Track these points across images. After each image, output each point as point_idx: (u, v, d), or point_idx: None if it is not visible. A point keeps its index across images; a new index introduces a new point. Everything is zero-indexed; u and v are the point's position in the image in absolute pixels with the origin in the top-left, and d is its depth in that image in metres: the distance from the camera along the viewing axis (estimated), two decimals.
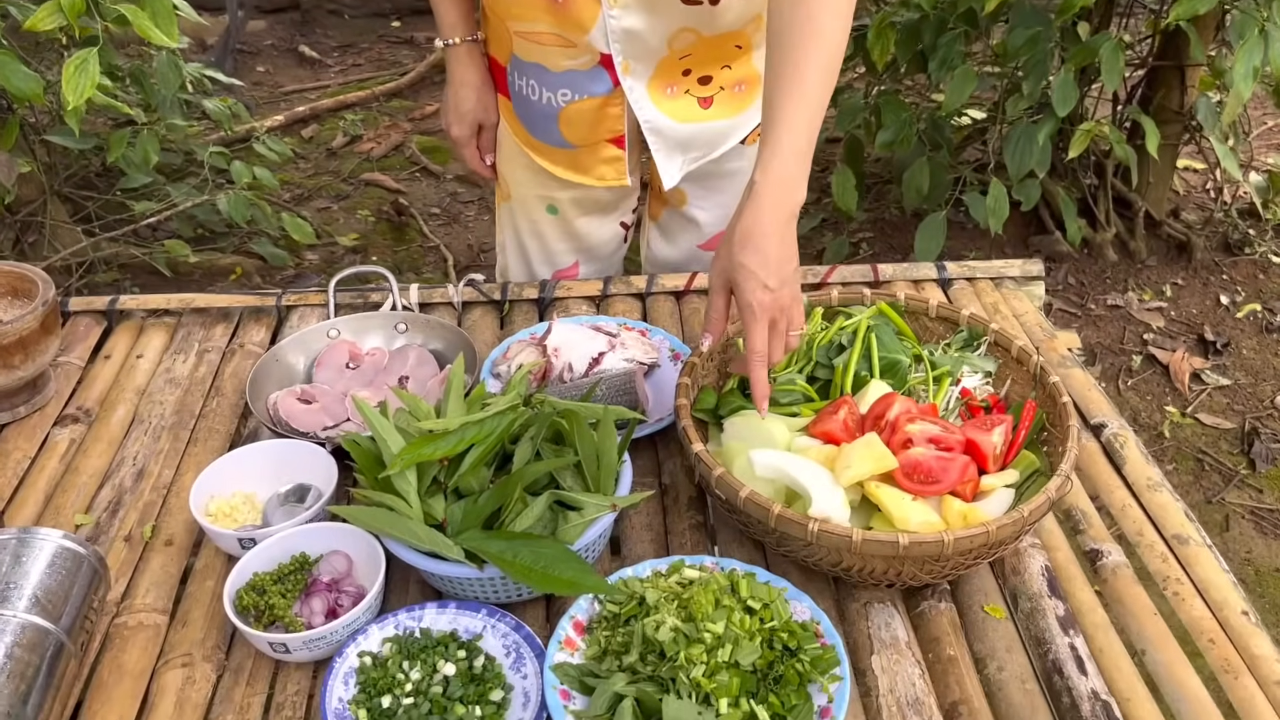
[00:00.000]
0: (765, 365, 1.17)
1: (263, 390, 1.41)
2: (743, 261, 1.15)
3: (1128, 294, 2.82)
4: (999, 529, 1.07)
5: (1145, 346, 2.65)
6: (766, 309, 1.15)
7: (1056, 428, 1.24)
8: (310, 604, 1.13)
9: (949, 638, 1.13)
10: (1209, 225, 3.01)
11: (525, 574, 1.06)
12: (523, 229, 1.73)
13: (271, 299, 1.66)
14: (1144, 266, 2.92)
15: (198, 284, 2.90)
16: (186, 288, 2.88)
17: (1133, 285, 2.86)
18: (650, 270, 1.85)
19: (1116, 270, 2.91)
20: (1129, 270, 2.91)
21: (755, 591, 1.08)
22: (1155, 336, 2.69)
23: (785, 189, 1.16)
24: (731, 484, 1.12)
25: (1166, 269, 2.91)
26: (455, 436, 1.13)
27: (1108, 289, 2.85)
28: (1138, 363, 2.62)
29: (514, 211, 1.73)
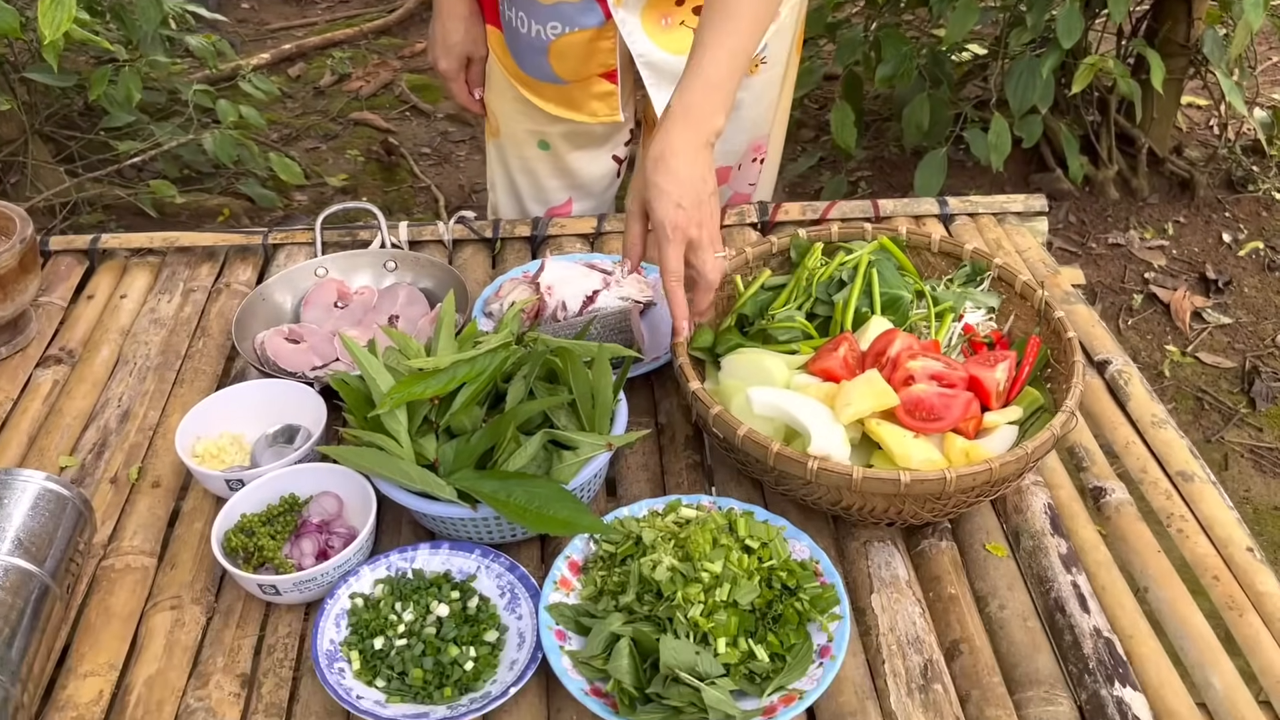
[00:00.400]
0: (681, 284, 1.17)
1: (249, 330, 1.38)
2: (655, 181, 1.15)
3: (1129, 232, 2.78)
4: (1002, 466, 1.05)
5: (1146, 285, 2.63)
6: (679, 228, 1.15)
7: (1061, 364, 1.21)
8: (300, 545, 1.11)
9: (950, 576, 1.11)
10: (1212, 162, 2.96)
11: (519, 514, 1.03)
12: (513, 166, 1.69)
13: (258, 237, 1.62)
14: (1146, 204, 2.88)
15: (185, 225, 2.85)
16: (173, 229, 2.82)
17: (1134, 223, 2.82)
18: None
19: (1118, 208, 2.87)
20: (1130, 208, 2.87)
21: (753, 530, 1.06)
22: (1156, 275, 2.66)
23: (700, 114, 1.16)
24: (729, 422, 1.09)
25: (1168, 207, 2.87)
26: (446, 375, 1.10)
27: (1109, 227, 2.81)
28: (1138, 301, 2.59)
29: (504, 148, 1.69)
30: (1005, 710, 0.99)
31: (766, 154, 1.70)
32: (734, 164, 1.68)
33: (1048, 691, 1.00)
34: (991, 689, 1.01)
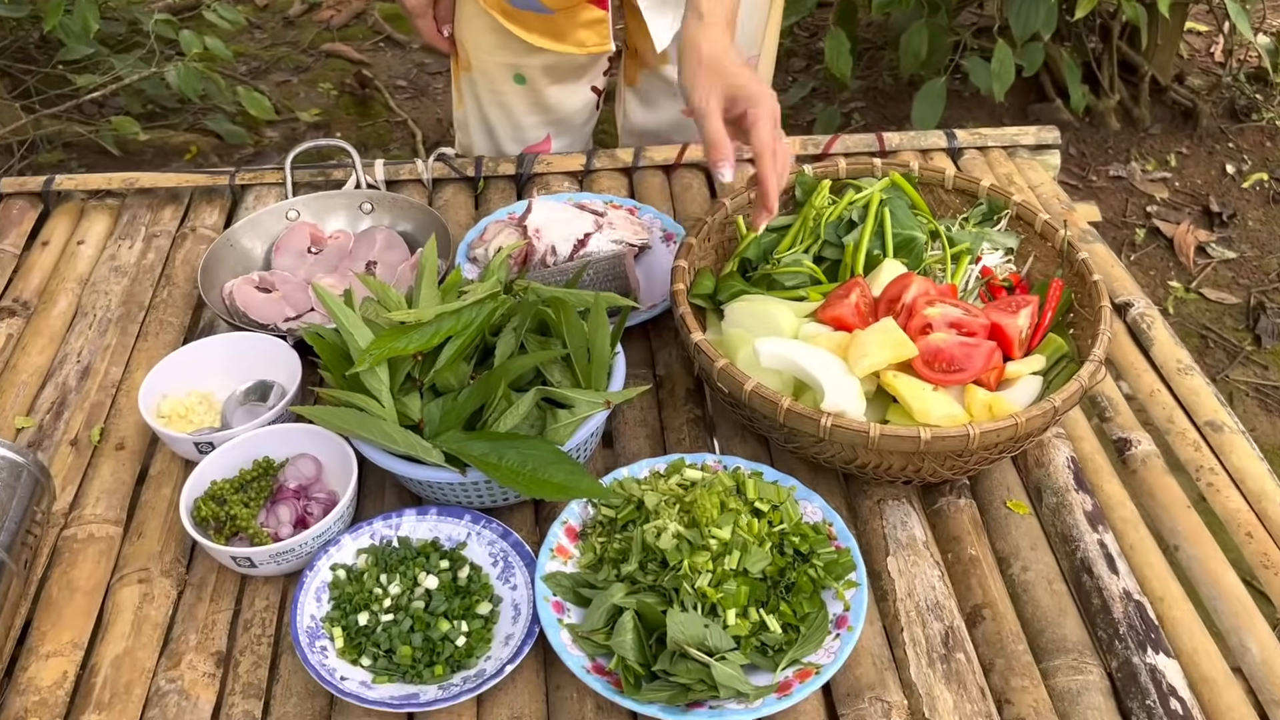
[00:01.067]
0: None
1: (217, 278, 1.29)
2: (728, 67, 1.10)
3: (1130, 164, 2.70)
4: (1028, 421, 0.98)
5: (1149, 219, 2.55)
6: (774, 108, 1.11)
7: (1085, 308, 1.14)
8: (276, 513, 1.03)
9: (970, 537, 1.05)
10: (1215, 91, 2.87)
11: (512, 478, 0.96)
12: (486, 101, 1.58)
13: (224, 178, 1.52)
14: (1147, 135, 2.79)
15: (150, 164, 2.73)
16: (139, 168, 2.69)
17: (1136, 155, 2.74)
18: (628, 142, 1.71)
19: (1119, 139, 2.78)
20: (1131, 139, 2.78)
21: (763, 492, 0.99)
22: (1159, 209, 2.59)
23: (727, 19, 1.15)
24: (735, 377, 1.02)
25: (1170, 137, 2.78)
26: (430, 329, 1.02)
27: (1110, 159, 2.73)
28: (1141, 236, 2.52)
29: (475, 83, 1.57)
30: (1031, 680, 0.93)
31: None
32: None
33: (1076, 659, 0.95)
34: (1016, 657, 0.95)
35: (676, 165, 1.54)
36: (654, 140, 1.65)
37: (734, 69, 1.10)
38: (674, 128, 1.64)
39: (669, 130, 1.65)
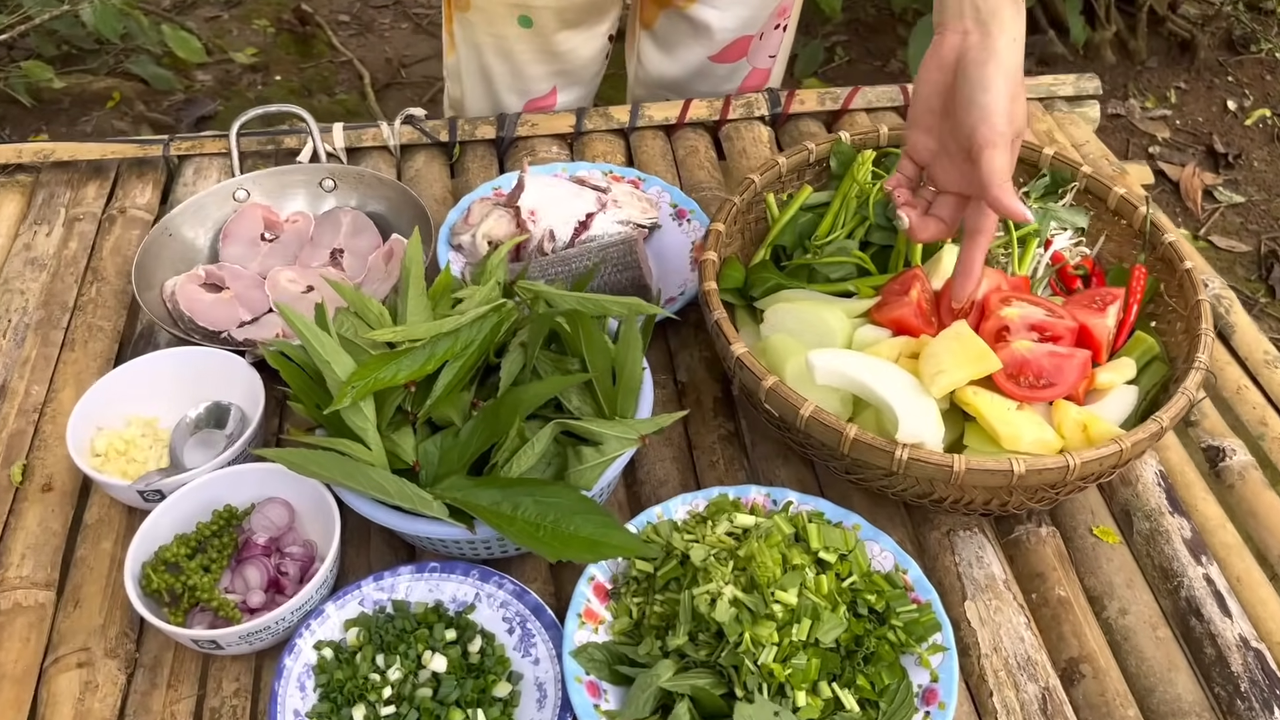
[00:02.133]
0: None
1: (154, 275, 1.09)
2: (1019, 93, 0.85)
3: (1129, 101, 2.56)
4: (1134, 446, 0.83)
5: (1152, 161, 2.41)
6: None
7: (1172, 298, 0.99)
8: (244, 575, 0.86)
9: (1056, 573, 0.91)
10: (1213, 21, 2.72)
11: (530, 534, 0.79)
12: (486, 48, 1.37)
13: (157, 148, 1.30)
14: (1145, 69, 2.64)
15: (68, 114, 2.46)
16: (54, 118, 2.45)
17: (1134, 90, 2.59)
18: (640, 94, 1.52)
19: (1115, 74, 2.63)
20: (1129, 73, 2.63)
21: (828, 540, 0.84)
22: (1162, 149, 2.45)
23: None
24: (789, 400, 0.86)
25: (1168, 71, 2.64)
26: (422, 353, 0.84)
27: (1107, 95, 2.57)
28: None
29: (474, 26, 1.36)
30: None
31: (790, 17, 1.42)
32: (755, 32, 1.39)
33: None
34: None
35: (679, 125, 1.36)
36: (670, 92, 1.47)
37: (1024, 101, 0.86)
38: (696, 75, 1.45)
39: (690, 80, 1.45)
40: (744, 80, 1.46)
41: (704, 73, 1.43)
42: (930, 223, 0.91)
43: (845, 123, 1.38)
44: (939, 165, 0.91)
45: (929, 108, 0.89)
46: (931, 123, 0.89)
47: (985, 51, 0.83)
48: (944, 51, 0.86)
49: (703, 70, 1.43)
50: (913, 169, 0.93)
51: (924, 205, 0.92)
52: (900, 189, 0.93)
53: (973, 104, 0.83)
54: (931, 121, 0.89)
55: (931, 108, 0.89)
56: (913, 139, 0.92)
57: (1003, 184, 0.83)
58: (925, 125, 0.90)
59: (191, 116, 2.46)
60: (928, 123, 0.90)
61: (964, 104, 0.84)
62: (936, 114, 0.89)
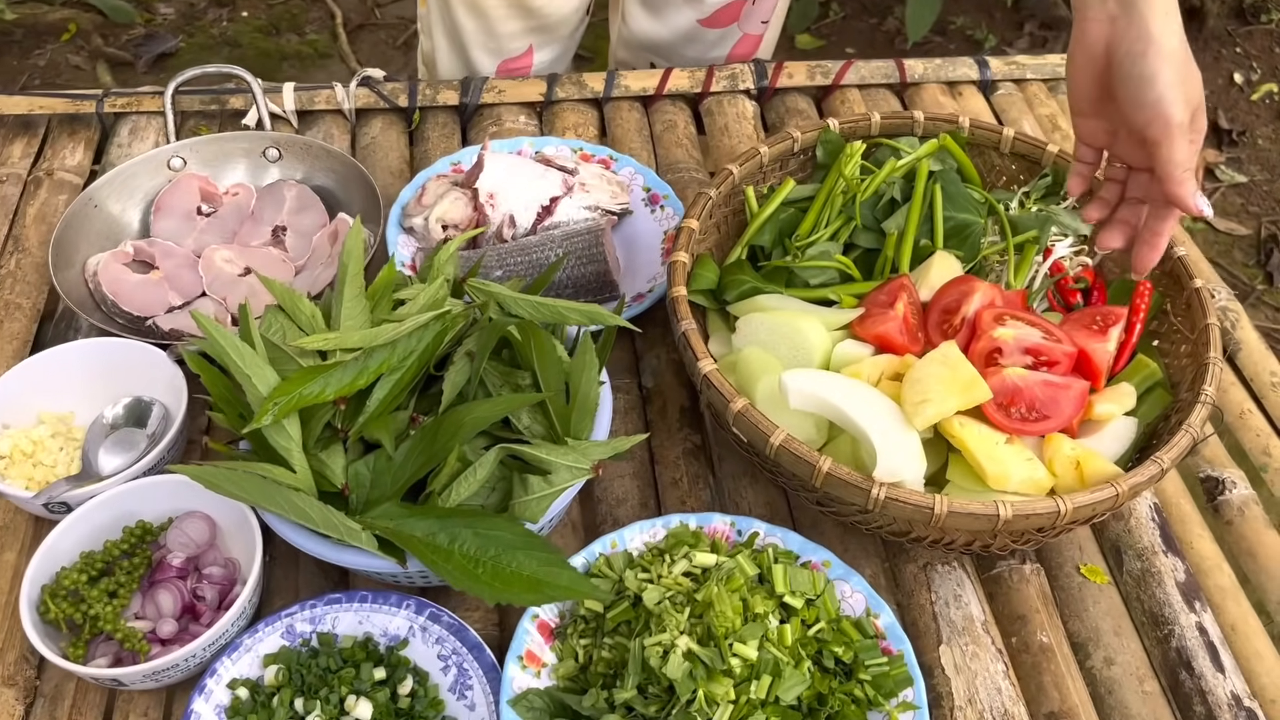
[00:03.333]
0: None
1: (76, 251, 1.00)
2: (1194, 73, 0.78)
3: None
4: (1131, 489, 0.76)
5: None
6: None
7: (1179, 318, 0.92)
8: (156, 599, 0.79)
9: (1039, 616, 0.85)
10: None
11: (467, 573, 0.72)
12: (456, 2, 1.27)
13: (90, 104, 1.20)
14: None
15: (20, 45, 2.33)
16: (5, 51, 2.32)
17: None
18: (624, 56, 1.42)
19: None
20: None
21: (795, 584, 0.77)
22: None
23: None
24: (759, 425, 0.78)
25: None
26: (353, 368, 0.76)
27: None
28: None
29: None
30: None
31: None
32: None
33: None
34: None
35: (658, 96, 1.27)
36: (655, 56, 1.37)
37: (1195, 70, 0.78)
38: (687, 40, 1.35)
39: (677, 45, 1.35)
40: (733, 47, 1.36)
41: (693, 37, 1.33)
42: (1117, 231, 0.86)
43: (836, 99, 1.29)
44: (1119, 145, 0.85)
45: (1088, 97, 0.83)
46: (1096, 109, 0.83)
47: (1140, 40, 0.75)
48: (1090, 41, 0.79)
49: (692, 35, 1.33)
50: (1090, 153, 0.88)
51: (1106, 207, 0.87)
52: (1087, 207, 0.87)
53: (1141, 102, 0.76)
54: (1096, 108, 0.83)
55: (1091, 97, 0.83)
56: (1081, 127, 0.86)
57: (1183, 178, 0.77)
58: (1091, 112, 0.84)
59: (151, 53, 2.33)
60: (1093, 109, 0.84)
61: (1130, 102, 0.77)
62: (1098, 101, 0.83)
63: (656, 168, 1.19)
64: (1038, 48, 2.52)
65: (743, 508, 0.90)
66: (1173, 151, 0.76)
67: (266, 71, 2.39)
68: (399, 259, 1.01)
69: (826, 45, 2.54)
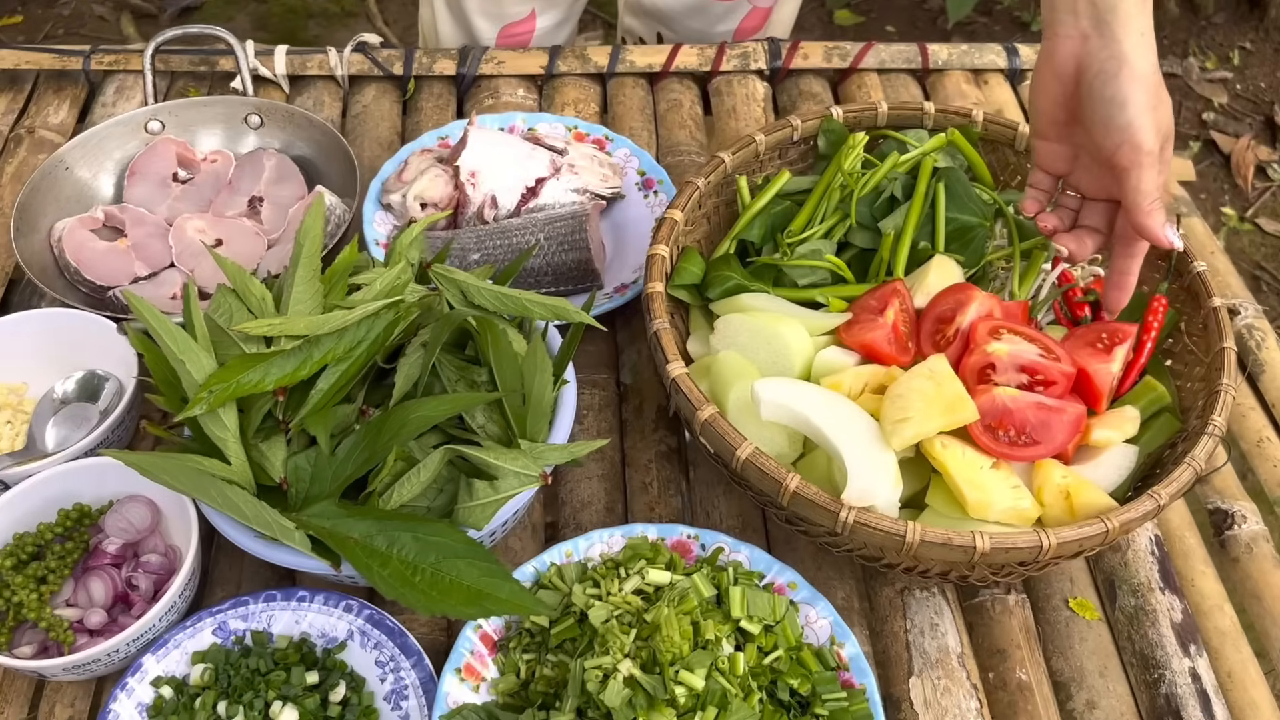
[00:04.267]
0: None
1: (42, 215, 0.97)
2: (1163, 97, 0.73)
3: (1188, 59, 2.35)
4: (1123, 526, 0.71)
5: (1204, 129, 2.22)
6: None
7: (1195, 338, 0.85)
8: (88, 586, 0.76)
9: (1020, 651, 0.79)
10: None
11: (404, 580, 0.68)
12: None
13: (77, 60, 1.17)
14: (1209, 24, 2.42)
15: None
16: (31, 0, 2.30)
17: (1194, 48, 2.38)
18: (631, 23, 1.36)
19: (1176, 29, 2.41)
20: (1191, 29, 2.42)
21: (753, 608, 0.72)
22: (1216, 117, 2.25)
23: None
24: (726, 436, 0.73)
25: (1234, 29, 2.42)
26: (295, 357, 0.72)
27: (1164, 52, 2.37)
28: (1195, 149, 2.19)
29: None
30: None
31: None
32: None
33: None
34: None
35: (664, 73, 1.21)
36: (664, 25, 1.31)
37: (1167, 97, 0.74)
38: (691, 11, 1.29)
39: (684, 14, 1.30)
40: (742, 20, 1.30)
41: (700, 8, 1.28)
42: (1085, 237, 0.80)
43: (853, 83, 1.22)
44: (1079, 173, 0.80)
45: (1053, 120, 0.78)
46: (1060, 132, 0.79)
47: (1113, 60, 0.71)
48: (1060, 60, 0.74)
49: (700, 5, 1.27)
50: (1047, 180, 0.82)
51: (1070, 216, 0.82)
52: (1042, 214, 0.82)
53: (1110, 125, 0.71)
54: (1060, 131, 0.79)
55: (1056, 119, 0.78)
56: (1042, 150, 0.81)
57: (1151, 209, 0.73)
58: (1054, 135, 0.79)
59: (175, 6, 2.30)
60: (1055, 133, 0.79)
61: (1099, 124, 0.72)
62: (1063, 124, 0.78)
63: (657, 149, 1.14)
64: None
65: (714, 518, 0.85)
66: (1141, 180, 0.72)
67: (292, 29, 2.36)
68: (371, 236, 0.97)
69: (866, 22, 2.46)
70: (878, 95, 1.20)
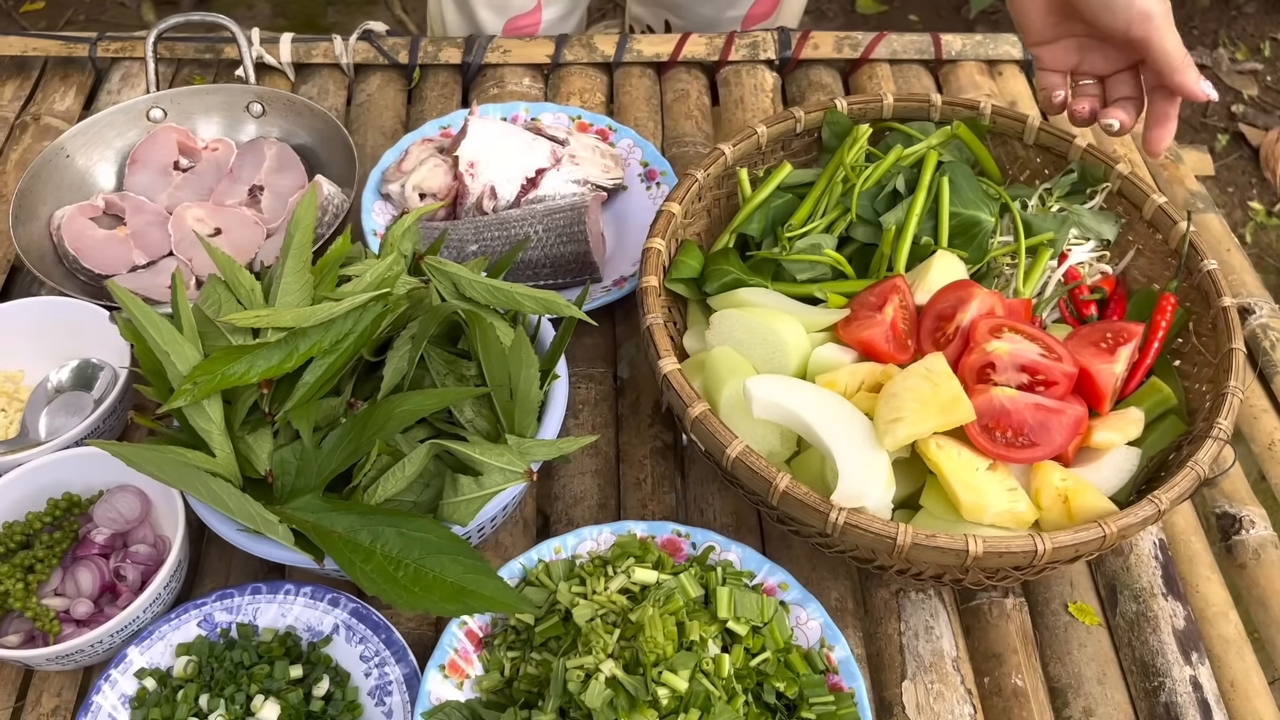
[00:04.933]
0: None
1: (42, 203, 0.97)
2: None
3: (1217, 50, 2.30)
4: (1121, 531, 0.69)
5: (1233, 122, 2.18)
6: None
7: (1204, 338, 0.83)
8: (76, 576, 0.76)
9: (1016, 656, 0.78)
10: None
11: (386, 576, 0.67)
12: None
13: (83, 47, 1.17)
14: (1241, 13, 2.37)
15: None
16: None
17: (1225, 39, 2.33)
18: (639, 12, 1.35)
19: (1206, 18, 2.37)
20: (1222, 18, 2.37)
21: (741, 609, 0.71)
22: (1246, 109, 2.21)
23: None
24: (716, 433, 0.72)
25: (1267, 18, 2.37)
26: (282, 348, 0.71)
27: (1193, 42, 2.32)
28: (1223, 143, 2.15)
29: None
30: None
31: None
32: None
33: None
34: None
35: (672, 63, 1.19)
36: (673, 10, 1.30)
37: None
38: None
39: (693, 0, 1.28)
40: (751, 5, 1.28)
41: None
42: (1128, 107, 0.82)
43: (864, 74, 1.20)
44: (1089, 58, 0.82)
45: (1045, 23, 0.81)
46: (1058, 31, 0.81)
47: None
48: None
49: None
50: (1058, 78, 0.85)
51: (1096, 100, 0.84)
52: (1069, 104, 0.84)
53: (1113, 5, 0.75)
54: (1057, 30, 0.81)
55: (1049, 22, 0.81)
56: (1044, 55, 0.84)
57: (1183, 65, 0.76)
58: (1052, 37, 0.82)
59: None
60: (1053, 33, 0.82)
61: (1101, 7, 0.76)
62: (1057, 23, 0.81)
63: (662, 140, 1.12)
64: None
65: (708, 516, 0.84)
66: (1164, 42, 0.75)
67: (311, 15, 2.36)
68: (369, 226, 0.96)
69: (889, 10, 2.42)
70: (889, 86, 1.18)
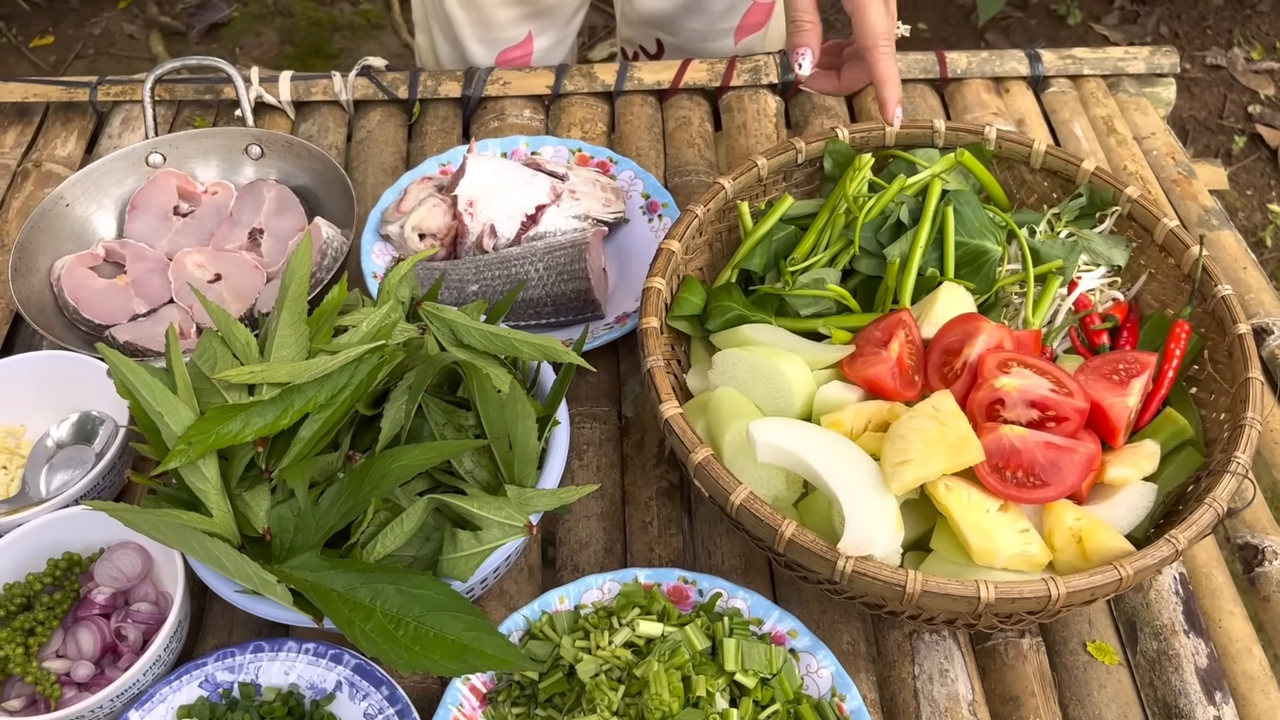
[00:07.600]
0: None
1: (42, 253, 0.96)
2: None
3: (1232, 50, 2.27)
4: (1137, 572, 0.67)
5: (1250, 123, 2.14)
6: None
7: (1220, 365, 0.81)
8: (77, 637, 0.75)
9: (1034, 699, 0.76)
10: None
11: (386, 635, 0.66)
12: None
13: (84, 92, 1.17)
14: (1255, 12, 2.34)
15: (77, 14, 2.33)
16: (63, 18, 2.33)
17: (1239, 38, 2.30)
18: (629, 34, 1.34)
19: (1220, 17, 2.33)
20: (1236, 17, 2.34)
21: (749, 661, 0.69)
22: (1263, 110, 2.17)
23: None
24: (719, 479, 0.71)
25: None
26: (277, 405, 0.70)
27: (1208, 42, 2.29)
28: (1240, 144, 2.12)
29: None
30: None
31: None
32: None
33: None
34: None
35: (673, 90, 1.18)
36: (662, 28, 1.29)
37: None
38: (686, 11, 1.26)
39: (680, 14, 1.27)
40: (744, 15, 1.26)
41: (697, 7, 1.24)
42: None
43: (869, 95, 1.18)
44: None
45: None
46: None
47: None
48: None
49: (696, 4, 1.24)
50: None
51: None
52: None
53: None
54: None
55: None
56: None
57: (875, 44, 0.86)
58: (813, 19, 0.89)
59: (204, 22, 2.32)
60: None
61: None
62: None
63: (664, 169, 1.11)
64: (1128, 23, 2.35)
65: (715, 558, 0.83)
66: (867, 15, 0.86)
67: (318, 43, 2.36)
68: (369, 268, 0.95)
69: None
70: None
